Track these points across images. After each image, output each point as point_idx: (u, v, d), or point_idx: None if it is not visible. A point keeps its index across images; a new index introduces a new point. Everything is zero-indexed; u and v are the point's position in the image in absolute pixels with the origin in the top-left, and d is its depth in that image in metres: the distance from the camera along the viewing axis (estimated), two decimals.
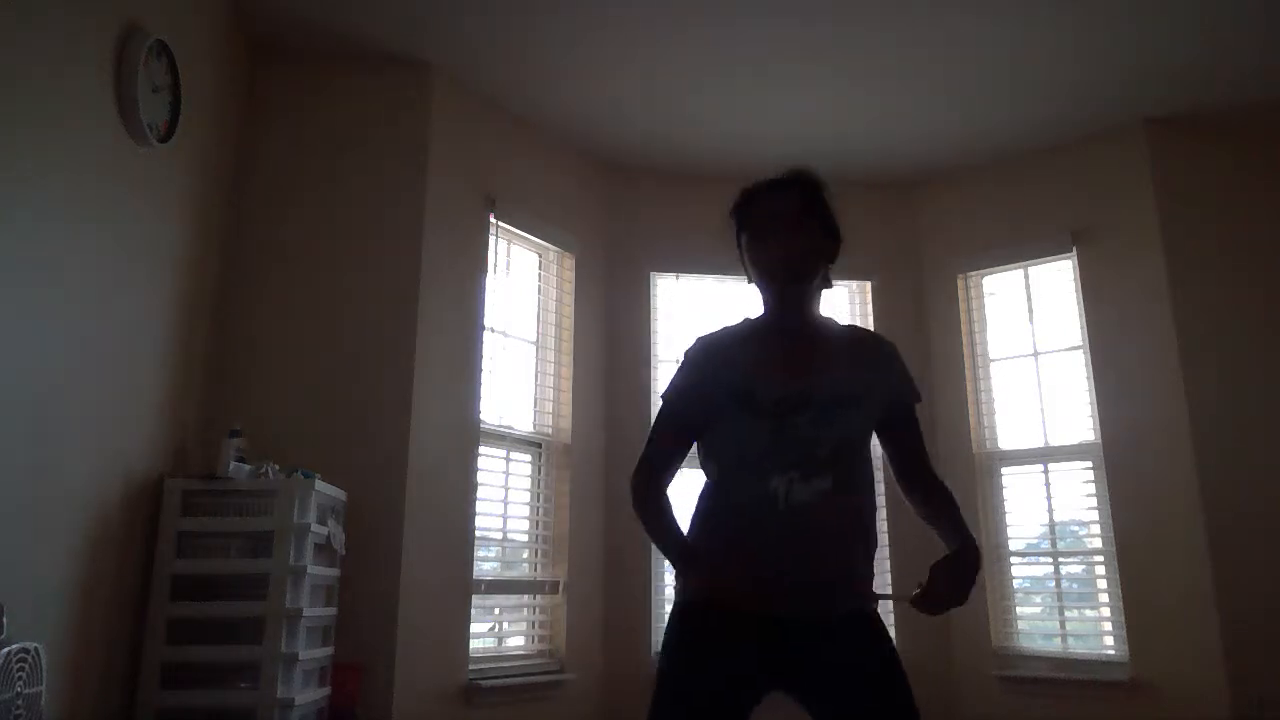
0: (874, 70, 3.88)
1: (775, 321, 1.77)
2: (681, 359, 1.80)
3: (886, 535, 4.34)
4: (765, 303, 1.78)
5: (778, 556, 1.62)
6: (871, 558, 1.74)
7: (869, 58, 3.79)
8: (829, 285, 1.80)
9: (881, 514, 4.34)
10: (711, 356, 1.76)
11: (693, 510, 1.76)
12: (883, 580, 4.35)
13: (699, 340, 1.80)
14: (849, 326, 1.87)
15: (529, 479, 4.11)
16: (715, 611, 1.63)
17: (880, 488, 2.07)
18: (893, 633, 4.76)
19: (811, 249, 1.72)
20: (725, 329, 1.82)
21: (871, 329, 1.74)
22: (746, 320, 1.81)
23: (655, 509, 1.73)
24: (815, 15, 3.50)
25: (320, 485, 2.95)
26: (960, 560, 1.62)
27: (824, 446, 1.65)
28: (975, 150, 4.52)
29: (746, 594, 1.62)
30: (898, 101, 4.11)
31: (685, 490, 1.78)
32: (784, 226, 1.70)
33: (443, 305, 3.70)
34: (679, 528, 1.72)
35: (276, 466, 3.02)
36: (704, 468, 1.77)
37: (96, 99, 2.58)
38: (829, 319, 1.82)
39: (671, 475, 1.77)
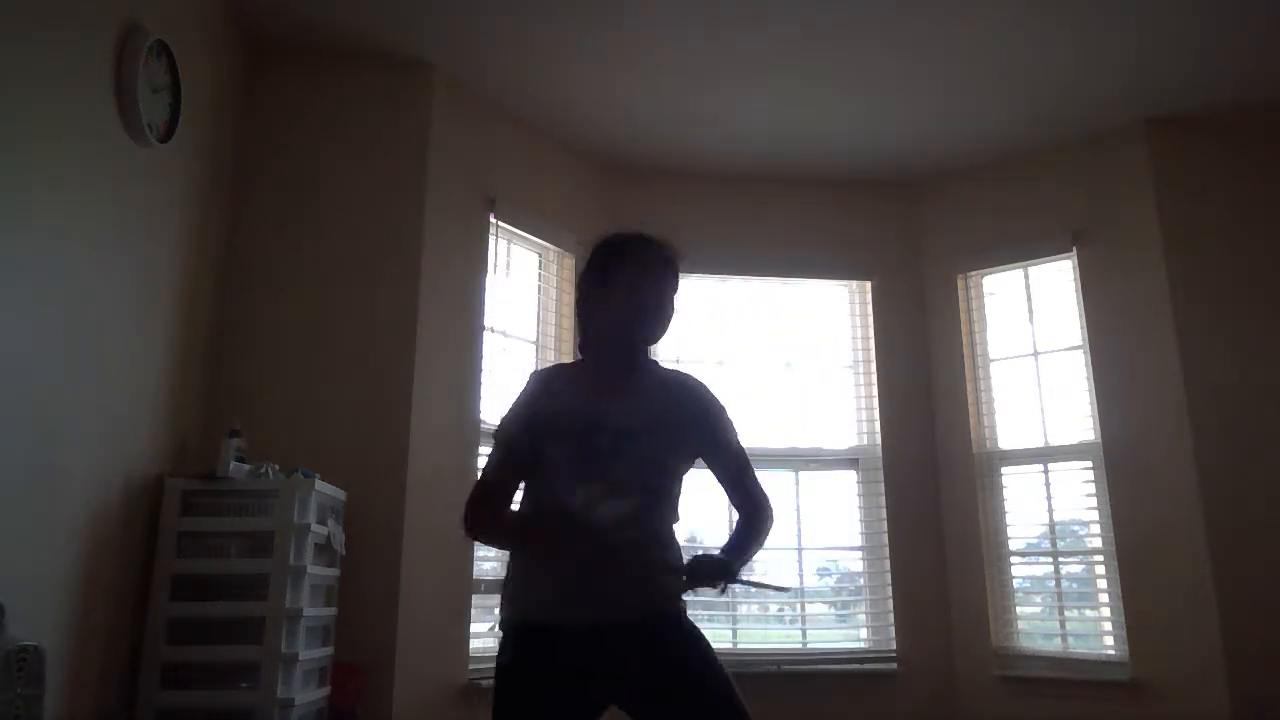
0: (874, 70, 3.87)
1: (609, 360, 1.89)
2: (517, 397, 1.90)
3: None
4: (605, 344, 1.89)
5: (580, 565, 1.71)
6: (676, 566, 1.80)
7: (869, 57, 3.78)
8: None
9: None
10: (542, 390, 1.87)
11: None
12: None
13: (532, 375, 1.92)
14: (675, 370, 1.98)
15: None
16: (536, 629, 1.74)
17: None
18: (892, 632, 4.72)
19: (669, 318, 1.88)
20: (559, 366, 1.98)
21: (698, 378, 1.97)
22: (578, 362, 1.94)
23: (500, 530, 1.85)
24: (815, 15, 3.49)
25: (320, 485, 2.95)
26: (705, 563, 1.74)
27: (623, 466, 1.76)
28: (975, 150, 4.52)
29: (556, 604, 1.73)
30: (898, 101, 4.11)
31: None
32: (662, 288, 1.86)
33: (443, 305, 3.70)
34: (513, 517, 1.84)
35: (276, 466, 3.02)
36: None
37: (96, 99, 2.57)
38: (656, 362, 1.94)
39: (509, 506, 1.86)
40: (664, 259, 1.89)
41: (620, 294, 1.85)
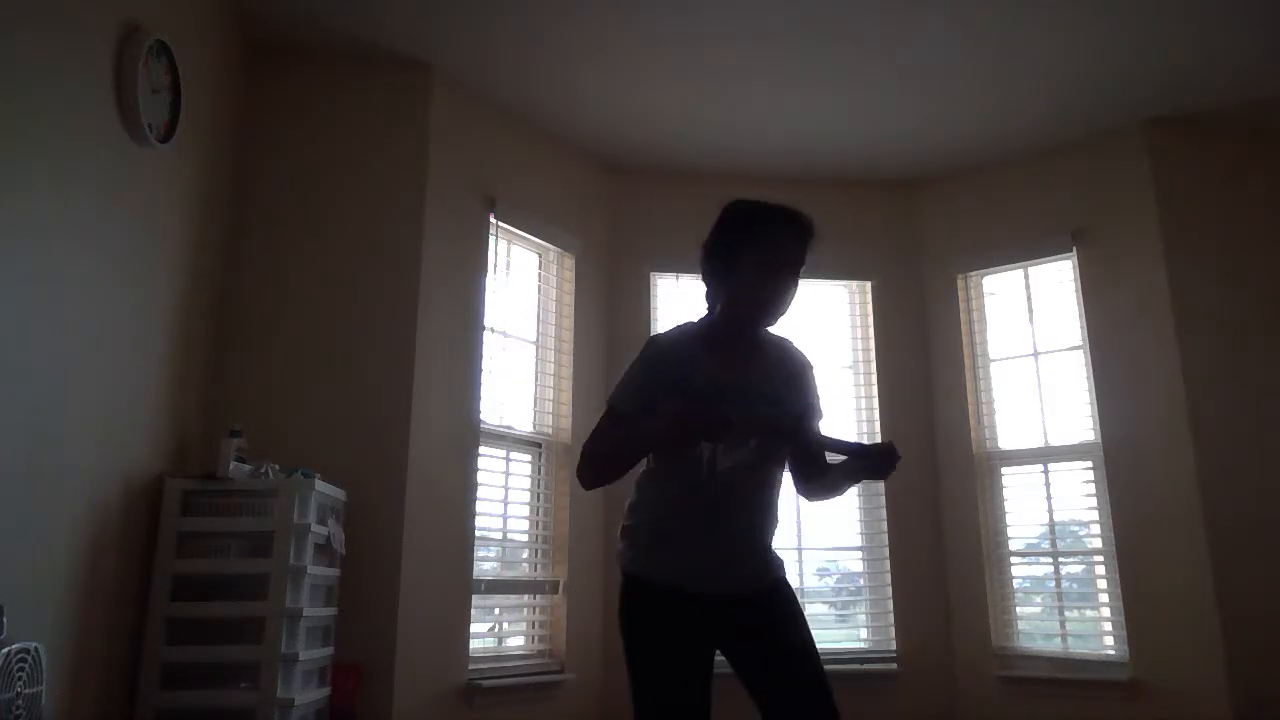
0: (874, 70, 3.87)
1: (730, 332, 1.93)
2: (636, 361, 1.90)
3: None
4: (733, 314, 1.92)
5: (701, 532, 1.81)
6: (774, 532, 1.93)
7: (869, 58, 3.78)
8: None
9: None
10: (663, 358, 1.88)
11: (634, 498, 1.95)
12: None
13: (653, 342, 1.92)
14: (779, 337, 2.01)
15: (529, 479, 4.11)
16: (657, 590, 1.82)
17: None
18: (892, 632, 4.72)
19: (789, 302, 1.93)
20: (678, 329, 1.97)
21: (795, 343, 2.06)
22: (702, 320, 1.96)
23: (627, 438, 1.85)
24: (815, 16, 3.50)
25: (320, 485, 2.95)
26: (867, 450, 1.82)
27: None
28: (975, 150, 4.52)
29: (676, 574, 1.81)
30: (898, 102, 4.11)
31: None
32: (794, 274, 1.90)
33: (443, 305, 3.70)
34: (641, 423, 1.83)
35: (276, 466, 3.02)
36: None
37: (96, 99, 2.58)
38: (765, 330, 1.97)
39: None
40: (803, 248, 1.91)
41: (743, 286, 1.89)
